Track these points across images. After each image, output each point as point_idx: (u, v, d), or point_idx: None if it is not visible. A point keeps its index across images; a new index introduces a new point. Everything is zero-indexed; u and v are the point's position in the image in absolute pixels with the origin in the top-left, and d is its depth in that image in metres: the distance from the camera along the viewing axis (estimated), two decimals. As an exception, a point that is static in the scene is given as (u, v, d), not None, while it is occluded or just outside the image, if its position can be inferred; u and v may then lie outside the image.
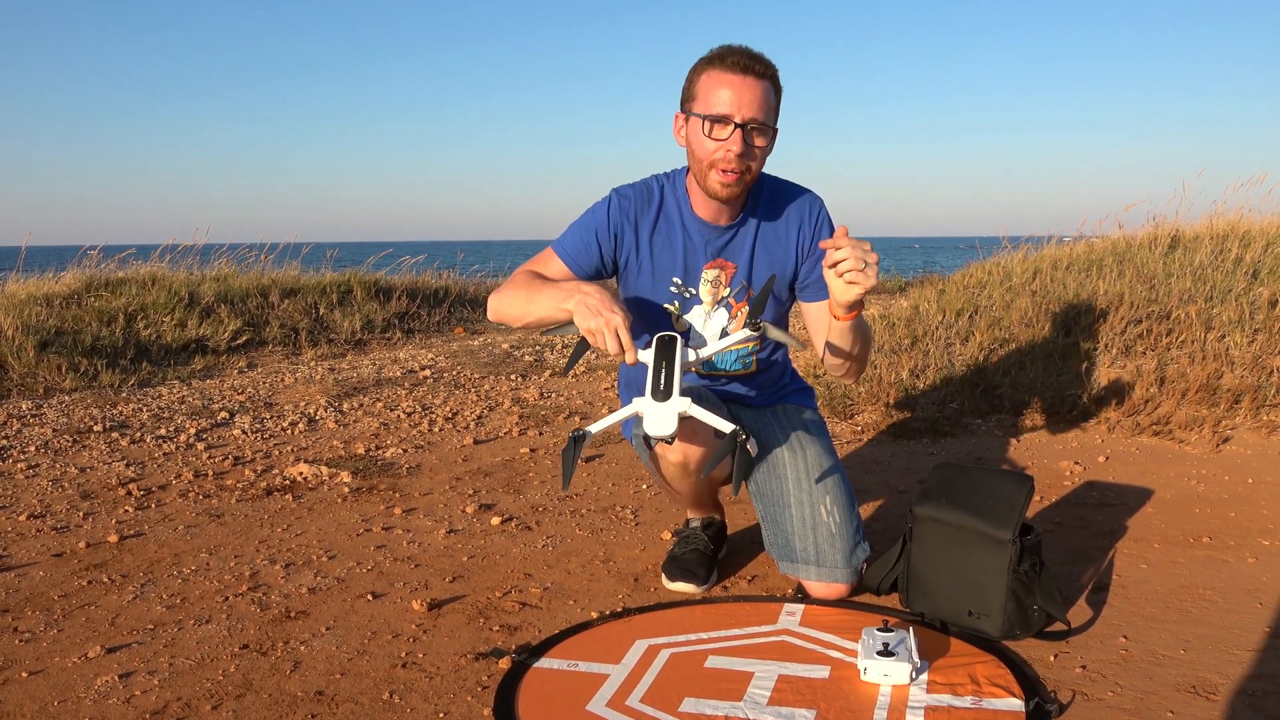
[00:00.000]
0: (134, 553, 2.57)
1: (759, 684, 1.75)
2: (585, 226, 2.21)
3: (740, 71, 2.01)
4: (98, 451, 3.67)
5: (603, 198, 2.23)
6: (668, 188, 2.22)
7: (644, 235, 2.20)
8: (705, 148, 2.04)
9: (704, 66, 2.06)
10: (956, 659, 1.85)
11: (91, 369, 5.22)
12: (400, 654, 1.94)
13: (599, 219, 2.20)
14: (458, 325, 7.80)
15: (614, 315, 1.92)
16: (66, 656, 1.94)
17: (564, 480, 1.92)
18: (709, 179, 2.06)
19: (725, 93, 2.01)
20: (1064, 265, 5.95)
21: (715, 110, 2.01)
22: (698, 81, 2.06)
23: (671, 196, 2.21)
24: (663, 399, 1.88)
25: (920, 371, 4.44)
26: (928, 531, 2.04)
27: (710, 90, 2.03)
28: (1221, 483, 3.04)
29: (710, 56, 2.06)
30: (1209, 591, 2.18)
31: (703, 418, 1.89)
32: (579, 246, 2.20)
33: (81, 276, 6.90)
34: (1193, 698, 1.70)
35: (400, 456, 3.61)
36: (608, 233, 2.19)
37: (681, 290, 2.22)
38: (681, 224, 2.20)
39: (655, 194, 2.21)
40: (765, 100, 2.03)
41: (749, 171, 2.06)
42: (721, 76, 2.02)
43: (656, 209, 2.20)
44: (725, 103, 2.00)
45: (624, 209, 2.19)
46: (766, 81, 2.03)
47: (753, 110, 2.01)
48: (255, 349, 6.31)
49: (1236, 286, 4.93)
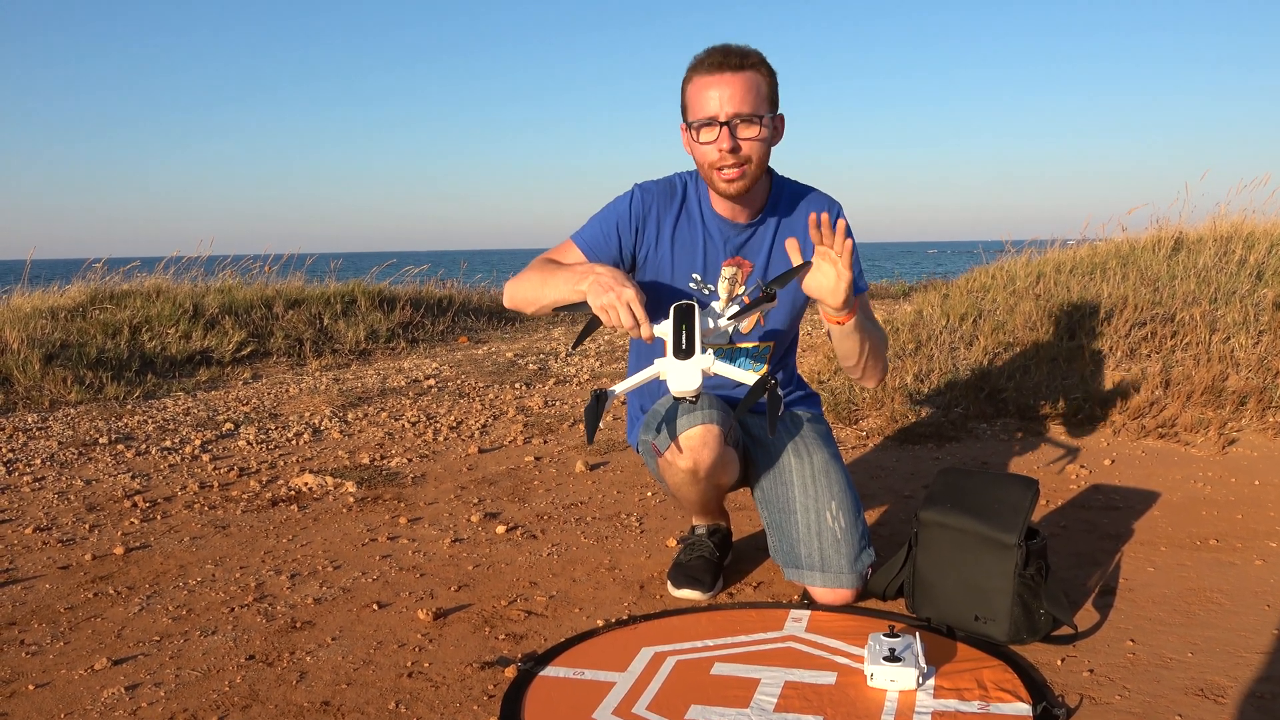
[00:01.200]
0: (140, 564, 2.57)
1: (765, 690, 1.74)
2: (606, 218, 2.23)
3: (717, 70, 2.03)
4: (103, 464, 3.68)
5: (625, 191, 2.26)
6: (690, 185, 2.25)
7: (665, 230, 2.22)
8: (703, 154, 2.08)
9: (688, 75, 2.10)
10: (963, 664, 1.84)
11: (97, 381, 5.23)
12: (406, 664, 1.94)
13: (621, 211, 2.22)
14: (462, 334, 7.81)
15: (625, 289, 1.94)
16: (73, 669, 1.94)
17: (588, 436, 1.95)
18: (715, 182, 2.10)
19: (707, 95, 2.03)
20: (1067, 268, 5.94)
21: (702, 114, 2.05)
22: (686, 91, 2.10)
23: (694, 193, 2.24)
24: (685, 357, 1.91)
25: (925, 376, 4.44)
26: (933, 536, 2.04)
27: (695, 96, 2.06)
28: (1228, 485, 3.04)
29: (692, 64, 2.09)
30: (1216, 594, 2.18)
31: (726, 372, 1.95)
32: (598, 237, 2.21)
33: (86, 289, 6.91)
34: (1200, 701, 1.70)
35: (405, 466, 3.61)
36: (629, 225, 2.21)
37: (701, 286, 2.23)
38: (702, 220, 2.22)
39: (679, 190, 2.24)
40: (749, 91, 2.03)
41: (750, 163, 2.06)
42: (702, 80, 2.05)
43: (679, 205, 2.22)
44: (709, 104, 2.03)
45: (646, 202, 2.21)
46: (747, 72, 2.04)
47: (735, 105, 2.02)
48: (260, 360, 6.32)
49: (1241, 288, 4.92)
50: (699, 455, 2.09)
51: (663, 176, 2.28)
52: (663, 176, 2.28)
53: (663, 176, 2.28)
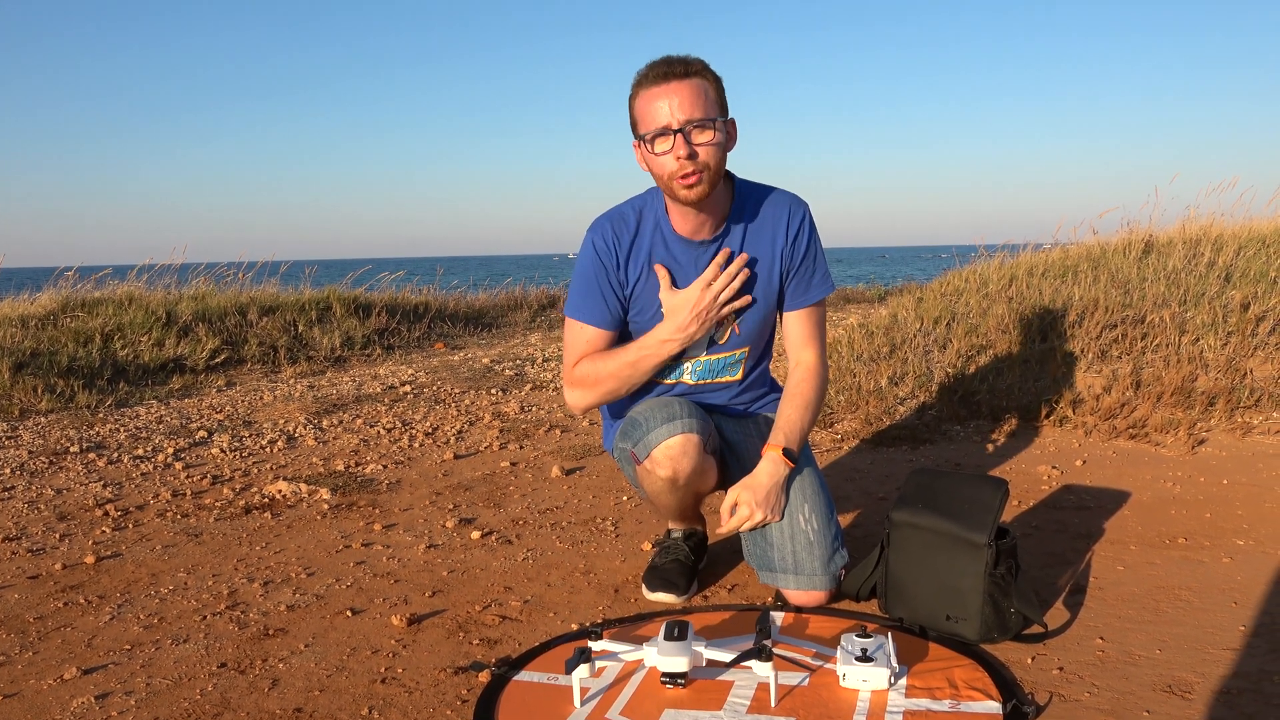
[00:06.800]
0: (111, 573, 2.55)
1: (739, 693, 1.75)
2: (587, 282, 2.21)
3: (662, 80, 2.02)
4: (74, 472, 3.64)
5: (584, 242, 2.22)
6: (645, 210, 2.21)
7: (633, 265, 2.20)
8: (659, 165, 2.05)
9: (634, 91, 2.07)
10: (935, 663, 1.86)
11: (68, 390, 5.18)
12: (380, 669, 1.93)
13: (594, 267, 2.20)
14: (438, 340, 7.79)
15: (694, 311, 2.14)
16: (42, 679, 1.92)
17: None
18: (676, 191, 2.06)
19: (656, 106, 2.01)
20: (1039, 272, 6.00)
21: (653, 126, 2.02)
22: (634, 106, 2.07)
23: (650, 218, 2.20)
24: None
25: (899, 379, 4.47)
26: (904, 537, 2.06)
27: (644, 110, 2.04)
28: (1197, 484, 3.07)
29: (636, 80, 2.07)
30: (1185, 592, 2.20)
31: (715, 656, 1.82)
32: (599, 305, 2.21)
33: (57, 297, 6.85)
34: (1169, 697, 1.71)
35: (380, 472, 3.60)
36: (607, 274, 2.19)
37: None
38: (665, 246, 2.19)
39: (631, 221, 2.20)
40: (696, 97, 2.02)
41: (707, 169, 2.04)
42: (648, 93, 2.03)
43: (632, 236, 2.20)
44: (659, 115, 2.01)
45: (608, 244, 2.19)
46: (692, 79, 2.03)
47: (686, 111, 2.00)
48: (234, 367, 6.28)
49: (1209, 290, 4.98)
50: (679, 464, 2.09)
51: (613, 209, 2.24)
52: (613, 209, 2.24)
53: (613, 209, 2.24)
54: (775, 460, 2.13)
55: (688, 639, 1.78)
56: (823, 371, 2.28)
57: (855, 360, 4.82)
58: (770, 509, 2.12)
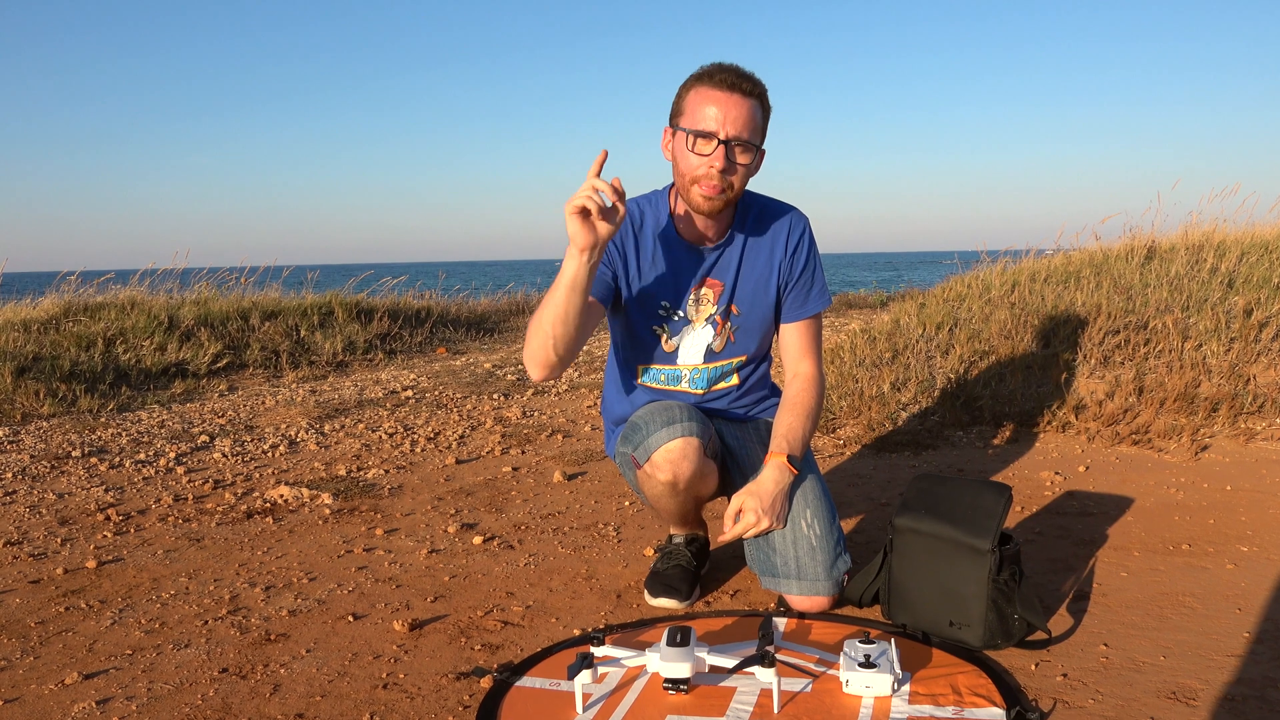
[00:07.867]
0: (112, 578, 2.55)
1: (741, 699, 1.74)
2: None
3: (727, 89, 2.02)
4: (76, 477, 3.64)
5: None
6: (649, 211, 2.22)
7: (631, 261, 2.21)
8: (689, 163, 2.05)
9: (693, 83, 2.06)
10: (938, 669, 1.85)
11: (70, 394, 5.18)
12: (381, 675, 1.93)
13: None
14: (440, 345, 7.79)
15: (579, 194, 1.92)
16: (43, 684, 1.92)
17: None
18: (691, 193, 2.07)
19: (711, 109, 2.01)
20: (1042, 277, 5.99)
21: (701, 126, 2.02)
22: (686, 97, 2.07)
23: (653, 219, 2.21)
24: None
25: (901, 385, 4.46)
26: (907, 543, 2.05)
27: (697, 106, 2.03)
28: (1200, 490, 3.07)
29: (700, 73, 2.06)
30: (1188, 598, 2.20)
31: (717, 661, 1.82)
32: None
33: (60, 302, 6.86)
34: (1173, 704, 1.71)
35: (382, 477, 3.60)
36: (607, 257, 2.18)
37: (670, 313, 2.23)
38: (666, 249, 2.20)
39: (639, 219, 2.21)
40: (751, 118, 2.03)
41: (731, 189, 2.06)
42: (709, 93, 2.03)
43: (635, 234, 2.20)
44: (711, 119, 2.01)
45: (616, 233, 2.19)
46: (754, 100, 2.03)
47: (738, 128, 2.01)
48: (236, 372, 6.28)
49: (1212, 296, 4.98)
50: (679, 468, 2.09)
51: None
52: None
53: None
54: (780, 467, 2.13)
55: (690, 645, 1.78)
56: (821, 382, 2.29)
57: (858, 365, 4.81)
58: (775, 516, 2.12)
